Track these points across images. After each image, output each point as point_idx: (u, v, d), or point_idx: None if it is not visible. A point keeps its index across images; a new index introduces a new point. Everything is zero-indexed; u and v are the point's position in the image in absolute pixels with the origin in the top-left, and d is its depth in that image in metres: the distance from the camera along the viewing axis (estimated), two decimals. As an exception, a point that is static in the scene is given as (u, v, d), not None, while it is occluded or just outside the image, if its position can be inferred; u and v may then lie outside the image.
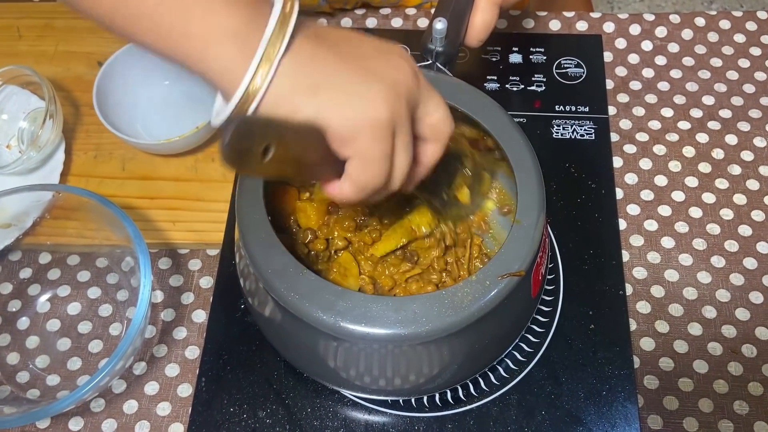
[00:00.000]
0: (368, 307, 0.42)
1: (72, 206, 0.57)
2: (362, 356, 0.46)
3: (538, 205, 0.46)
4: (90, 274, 0.61)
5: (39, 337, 0.59)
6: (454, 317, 0.42)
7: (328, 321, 0.42)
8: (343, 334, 0.43)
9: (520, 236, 0.45)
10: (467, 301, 0.42)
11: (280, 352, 0.52)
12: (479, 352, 0.48)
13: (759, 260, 0.60)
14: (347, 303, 0.42)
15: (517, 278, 0.44)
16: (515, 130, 0.50)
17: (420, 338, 0.42)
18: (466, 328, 0.43)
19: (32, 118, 0.66)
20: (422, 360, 0.46)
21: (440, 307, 0.42)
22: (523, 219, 0.46)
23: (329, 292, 0.43)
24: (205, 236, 0.62)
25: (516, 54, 0.69)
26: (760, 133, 0.66)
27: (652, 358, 0.56)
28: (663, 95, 0.69)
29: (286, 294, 0.43)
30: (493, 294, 0.43)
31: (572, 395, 0.53)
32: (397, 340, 0.42)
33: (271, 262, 0.44)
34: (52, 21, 0.74)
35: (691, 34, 0.72)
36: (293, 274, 0.44)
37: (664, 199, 0.63)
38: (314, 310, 0.43)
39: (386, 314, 0.42)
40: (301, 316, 0.43)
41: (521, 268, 0.44)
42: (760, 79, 0.69)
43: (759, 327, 0.57)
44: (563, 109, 0.66)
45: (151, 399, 0.56)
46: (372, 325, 0.42)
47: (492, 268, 0.44)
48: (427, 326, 0.42)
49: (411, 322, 0.42)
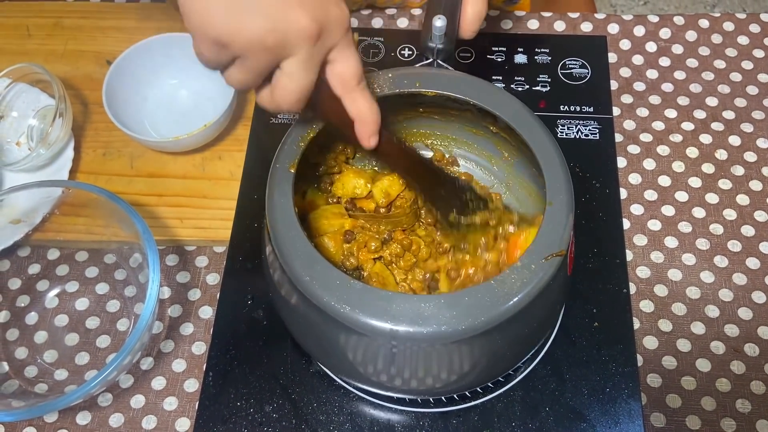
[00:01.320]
0: (421, 307, 0.42)
1: (81, 203, 0.58)
2: (413, 357, 0.46)
3: (565, 184, 0.47)
4: (98, 270, 0.62)
5: (47, 332, 0.59)
6: (507, 303, 0.43)
7: (386, 328, 0.42)
8: (401, 339, 0.43)
9: (555, 217, 0.46)
10: (517, 287, 0.43)
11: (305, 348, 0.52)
12: (529, 335, 0.49)
13: (762, 260, 0.61)
14: (401, 306, 0.42)
15: (560, 258, 0.45)
16: (531, 117, 0.50)
17: (476, 330, 0.43)
18: (519, 313, 0.44)
19: (42, 116, 0.66)
20: (473, 353, 0.46)
21: (492, 297, 0.43)
22: (554, 200, 0.46)
23: (380, 298, 0.43)
24: (212, 233, 0.62)
25: (521, 54, 0.70)
26: (763, 135, 0.67)
27: (656, 356, 0.57)
28: (667, 96, 0.69)
29: (338, 307, 0.43)
30: (541, 276, 0.44)
31: (576, 392, 0.54)
32: (455, 335, 0.42)
33: (316, 275, 0.44)
34: (62, 20, 0.75)
35: (695, 35, 0.73)
36: (340, 286, 0.43)
37: (667, 199, 0.64)
38: (368, 319, 0.42)
39: (440, 312, 0.42)
40: (353, 327, 0.43)
41: (561, 248, 0.45)
42: (763, 80, 0.70)
43: (761, 326, 0.58)
44: (568, 109, 0.67)
45: (158, 394, 0.56)
46: (428, 325, 0.42)
47: (535, 251, 0.45)
48: (483, 317, 0.42)
49: (466, 316, 0.42)
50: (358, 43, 0.50)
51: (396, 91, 0.52)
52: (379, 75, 0.52)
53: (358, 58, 0.44)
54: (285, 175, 0.48)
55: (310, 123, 0.51)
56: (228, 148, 0.67)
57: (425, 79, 0.52)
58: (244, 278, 0.59)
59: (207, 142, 0.65)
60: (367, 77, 0.47)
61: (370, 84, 0.51)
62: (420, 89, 0.52)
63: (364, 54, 0.70)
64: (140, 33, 0.69)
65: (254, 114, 0.68)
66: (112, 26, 0.74)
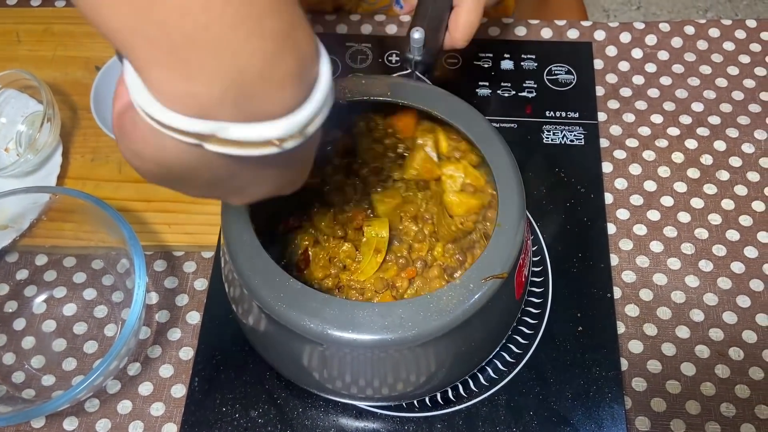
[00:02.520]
0: (354, 313, 0.42)
1: (68, 208, 0.58)
2: (349, 363, 0.46)
3: (518, 208, 0.47)
4: (86, 276, 0.62)
5: (35, 338, 0.59)
6: (439, 321, 0.42)
7: (315, 328, 0.42)
8: (330, 341, 0.43)
9: (502, 239, 0.45)
10: (452, 305, 0.43)
11: (268, 360, 0.52)
12: (466, 355, 0.48)
13: (746, 264, 0.61)
14: (333, 310, 0.43)
15: (500, 280, 0.44)
16: (493, 134, 0.50)
17: (407, 343, 0.43)
18: (453, 331, 0.43)
19: (30, 122, 0.67)
20: (410, 365, 0.47)
21: (426, 312, 0.43)
22: (504, 222, 0.46)
23: (315, 300, 0.43)
24: (199, 239, 0.63)
25: (507, 61, 0.70)
26: (748, 139, 0.67)
27: (640, 360, 0.57)
28: (653, 102, 0.70)
29: (273, 302, 0.43)
30: (478, 296, 0.43)
31: (560, 396, 0.54)
32: (384, 345, 0.42)
33: (257, 270, 0.44)
34: (51, 26, 0.75)
35: (680, 42, 0.73)
36: (279, 283, 0.44)
37: (653, 204, 0.64)
38: (300, 318, 0.43)
39: (372, 320, 0.42)
40: (287, 325, 0.43)
41: (504, 271, 0.44)
42: (748, 86, 0.70)
43: (746, 330, 0.58)
44: (554, 114, 0.67)
45: (145, 399, 0.57)
46: (359, 332, 0.42)
47: (475, 271, 0.44)
48: (414, 330, 0.42)
49: (398, 327, 0.42)
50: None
51: (365, 98, 0.51)
52: (351, 79, 0.52)
53: None
54: None
55: None
56: (216, 153, 0.67)
57: (396, 89, 0.52)
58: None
59: (195, 147, 0.65)
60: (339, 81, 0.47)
61: (341, 88, 0.51)
62: (390, 99, 0.51)
63: (352, 60, 0.71)
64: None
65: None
66: (102, 32, 0.74)
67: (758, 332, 0.58)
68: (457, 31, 0.54)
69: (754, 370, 0.56)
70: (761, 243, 0.62)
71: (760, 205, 0.64)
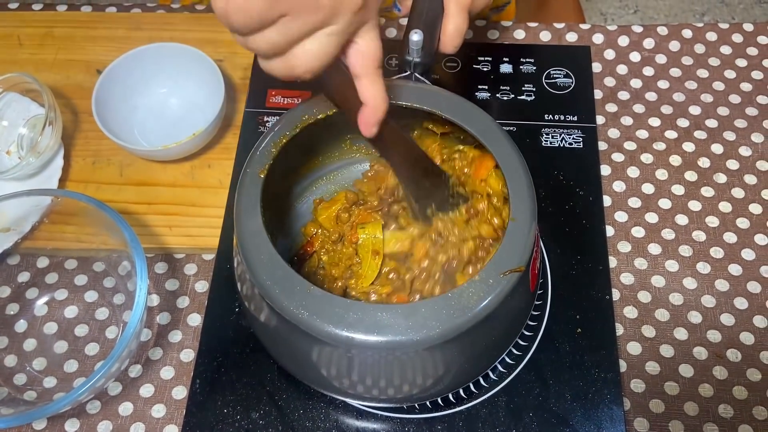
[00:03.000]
0: (378, 316, 0.43)
1: (70, 211, 0.58)
2: (373, 366, 0.46)
3: (530, 202, 0.48)
4: (87, 278, 0.62)
5: (36, 340, 0.60)
6: (463, 317, 0.43)
7: (341, 335, 0.43)
8: (357, 346, 0.43)
9: (517, 233, 0.46)
10: (474, 301, 0.43)
11: (280, 362, 0.53)
12: (486, 350, 0.49)
13: (744, 267, 0.61)
14: (357, 314, 0.43)
15: (519, 273, 0.45)
16: (498, 131, 0.51)
17: (432, 341, 0.43)
18: (476, 326, 0.44)
19: (32, 125, 0.67)
20: (433, 363, 0.47)
21: (449, 309, 0.43)
22: (518, 216, 0.47)
23: (337, 305, 0.43)
24: (200, 241, 0.63)
25: (506, 64, 0.71)
26: (745, 143, 0.68)
27: (639, 362, 0.57)
28: (651, 105, 0.70)
29: (296, 312, 0.43)
30: (498, 291, 0.44)
31: (559, 397, 0.54)
32: (410, 346, 0.43)
33: (277, 280, 0.44)
34: (52, 30, 0.75)
35: (678, 45, 0.74)
36: (300, 292, 0.44)
37: (651, 206, 0.65)
38: (325, 326, 0.43)
39: (396, 321, 0.43)
40: (311, 332, 0.44)
41: (521, 264, 0.45)
42: (745, 89, 0.71)
43: (743, 332, 0.58)
44: (552, 118, 0.67)
45: (146, 401, 0.57)
46: (384, 334, 0.42)
47: (493, 266, 0.45)
48: (438, 329, 0.43)
49: (422, 327, 0.43)
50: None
51: None
52: None
53: (379, 39, 0.43)
54: (254, 180, 0.49)
55: (284, 129, 0.51)
56: (217, 156, 0.67)
57: (397, 91, 0.52)
58: (231, 286, 0.60)
59: (196, 150, 0.66)
60: None
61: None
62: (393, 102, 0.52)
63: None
64: (131, 42, 0.70)
65: (243, 122, 0.68)
66: (103, 36, 0.75)
67: (756, 334, 0.58)
68: (445, 37, 0.55)
69: (752, 371, 0.57)
70: (759, 245, 0.62)
71: (758, 207, 0.64)
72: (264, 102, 0.69)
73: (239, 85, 0.71)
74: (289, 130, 0.51)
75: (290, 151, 0.51)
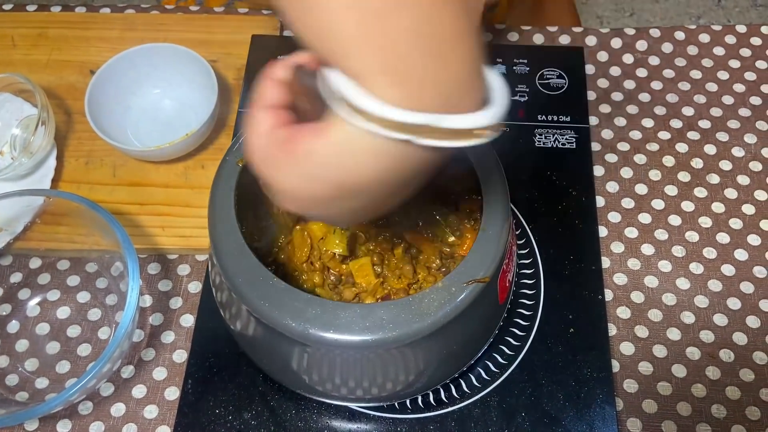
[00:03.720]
0: (337, 314, 0.43)
1: (62, 211, 0.58)
2: (333, 364, 0.46)
3: (502, 213, 0.46)
4: (79, 279, 0.62)
5: (28, 341, 0.60)
6: (420, 323, 0.42)
7: (297, 328, 0.43)
8: (312, 341, 0.43)
9: (485, 244, 0.45)
10: (433, 308, 0.43)
11: (258, 364, 0.52)
12: (449, 357, 0.48)
13: (737, 267, 0.61)
14: (316, 310, 0.43)
15: (482, 285, 0.44)
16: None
17: (387, 344, 0.43)
18: (434, 334, 0.43)
19: (25, 125, 0.67)
20: (393, 366, 0.47)
21: (407, 314, 0.42)
22: (488, 227, 0.46)
23: (298, 300, 0.43)
24: (193, 242, 0.63)
25: (500, 65, 0.71)
26: (738, 143, 0.68)
27: (632, 362, 0.57)
28: (644, 106, 0.70)
29: (257, 301, 0.43)
30: (459, 300, 0.43)
31: (552, 397, 0.54)
32: (365, 346, 0.43)
33: (242, 270, 0.44)
34: (46, 30, 0.75)
35: (671, 47, 0.74)
36: (263, 283, 0.44)
37: (644, 207, 0.65)
38: (284, 318, 0.43)
39: (354, 321, 0.42)
40: (271, 324, 0.44)
41: (486, 275, 0.44)
42: (738, 90, 0.71)
43: (736, 332, 0.59)
44: (545, 118, 0.68)
45: (138, 402, 0.57)
46: (340, 332, 0.42)
47: (458, 275, 0.44)
48: (394, 332, 0.42)
49: (378, 328, 0.42)
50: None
51: None
52: None
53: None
54: (232, 169, 0.49)
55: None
56: (211, 157, 0.67)
57: None
58: (224, 286, 0.60)
59: (189, 151, 0.66)
60: None
61: None
62: None
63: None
64: (124, 43, 0.70)
65: (236, 123, 0.68)
66: (97, 36, 0.75)
67: (748, 334, 0.58)
68: None
69: (745, 371, 0.57)
70: (751, 246, 0.62)
71: (750, 208, 0.64)
72: (258, 103, 0.69)
73: (233, 85, 0.71)
74: None
75: None
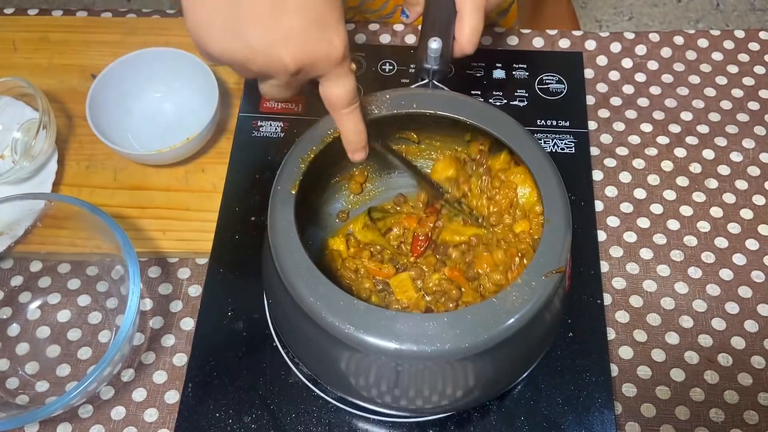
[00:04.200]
0: (425, 326, 0.43)
1: (63, 215, 0.58)
2: (420, 376, 0.46)
3: (562, 202, 0.48)
4: (80, 282, 0.62)
5: (29, 344, 0.60)
6: (509, 321, 0.44)
7: (389, 347, 0.43)
8: (405, 357, 0.43)
9: (553, 235, 0.47)
10: (518, 304, 0.44)
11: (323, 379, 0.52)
12: (529, 352, 0.49)
13: (735, 272, 0.62)
14: (404, 325, 0.43)
15: (559, 275, 0.46)
16: (524, 134, 0.51)
17: (479, 347, 0.43)
18: (521, 330, 0.44)
19: (26, 129, 0.67)
20: (482, 369, 0.47)
21: (494, 314, 0.43)
22: (552, 218, 0.47)
23: (384, 318, 0.43)
24: (194, 245, 0.63)
25: (499, 70, 0.71)
26: (736, 148, 0.68)
27: (631, 366, 0.58)
28: (643, 111, 0.70)
29: (342, 327, 0.43)
30: (541, 292, 0.45)
31: (551, 401, 0.54)
32: (459, 353, 0.43)
33: (320, 296, 0.45)
34: (48, 34, 0.76)
35: (670, 52, 0.74)
36: (345, 307, 0.44)
37: (642, 211, 0.65)
38: (373, 338, 0.43)
39: (443, 331, 0.43)
40: (357, 347, 0.44)
41: (560, 265, 0.46)
42: (736, 95, 0.71)
43: (734, 336, 0.59)
44: (545, 123, 0.68)
45: (138, 405, 0.57)
46: (432, 344, 0.43)
47: (534, 269, 0.45)
48: (485, 335, 0.43)
49: (469, 333, 0.43)
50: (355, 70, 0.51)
51: (393, 111, 0.53)
52: (377, 96, 0.53)
53: (349, 85, 0.45)
54: (286, 197, 0.49)
55: (311, 143, 0.52)
56: (211, 160, 0.68)
57: (422, 99, 0.53)
58: (225, 290, 0.60)
59: (190, 155, 0.66)
60: (363, 99, 0.49)
61: (366, 106, 0.52)
62: (417, 110, 0.53)
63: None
64: (125, 47, 0.70)
65: (237, 127, 0.69)
66: (98, 40, 0.75)
67: (746, 338, 0.59)
68: (463, 38, 0.55)
69: (743, 375, 0.57)
70: (750, 250, 0.63)
71: (749, 212, 0.65)
72: (258, 107, 0.69)
73: (233, 90, 0.72)
74: (315, 145, 0.52)
75: (318, 163, 0.52)
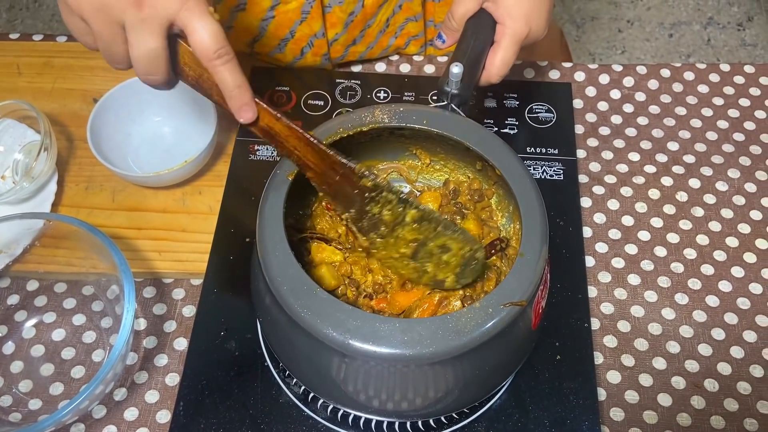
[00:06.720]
0: (377, 327, 0.44)
1: (61, 234, 0.59)
2: (368, 375, 0.48)
3: (540, 239, 0.49)
4: (76, 302, 0.63)
5: (23, 362, 0.60)
6: (456, 341, 0.44)
7: (338, 338, 0.44)
8: (351, 352, 0.44)
9: (523, 268, 0.47)
10: (470, 327, 0.45)
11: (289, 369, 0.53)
12: (480, 379, 0.50)
13: (721, 298, 0.63)
14: (357, 322, 0.44)
15: (519, 308, 0.46)
16: (521, 167, 0.53)
17: (423, 359, 0.44)
18: (468, 353, 0.45)
19: (27, 151, 0.68)
20: (425, 382, 0.48)
21: (444, 331, 0.44)
22: (527, 252, 0.48)
23: (340, 311, 0.45)
24: (189, 266, 0.64)
25: (491, 99, 0.73)
26: (722, 178, 0.70)
27: (618, 390, 0.58)
28: (630, 140, 0.72)
29: (300, 310, 0.45)
30: (495, 321, 0.45)
31: (538, 424, 0.55)
32: (402, 359, 0.44)
33: (288, 280, 0.46)
34: (51, 59, 0.77)
35: (657, 84, 0.76)
36: (307, 292, 0.46)
37: (630, 238, 0.66)
38: (325, 327, 0.44)
39: (393, 335, 0.44)
40: (312, 332, 0.45)
41: (523, 299, 0.46)
42: (722, 127, 0.73)
43: (721, 362, 0.60)
44: (534, 151, 0.69)
45: (130, 425, 0.57)
46: (379, 344, 0.44)
47: (495, 296, 0.46)
48: (431, 348, 0.44)
49: (416, 343, 0.44)
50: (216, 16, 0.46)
51: (403, 124, 0.54)
52: (390, 106, 0.55)
53: (212, 30, 0.43)
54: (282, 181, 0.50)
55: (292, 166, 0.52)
56: (208, 183, 0.69)
57: (433, 119, 0.54)
58: (218, 310, 0.61)
59: (187, 177, 0.67)
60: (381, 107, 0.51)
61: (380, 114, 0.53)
62: (426, 127, 0.54)
63: (341, 96, 0.73)
64: (127, 73, 0.71)
65: (234, 151, 0.70)
66: (100, 66, 0.77)
67: (733, 364, 0.59)
68: (493, 67, 0.57)
69: (729, 401, 0.58)
70: (735, 277, 0.64)
71: (734, 240, 0.66)
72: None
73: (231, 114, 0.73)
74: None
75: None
